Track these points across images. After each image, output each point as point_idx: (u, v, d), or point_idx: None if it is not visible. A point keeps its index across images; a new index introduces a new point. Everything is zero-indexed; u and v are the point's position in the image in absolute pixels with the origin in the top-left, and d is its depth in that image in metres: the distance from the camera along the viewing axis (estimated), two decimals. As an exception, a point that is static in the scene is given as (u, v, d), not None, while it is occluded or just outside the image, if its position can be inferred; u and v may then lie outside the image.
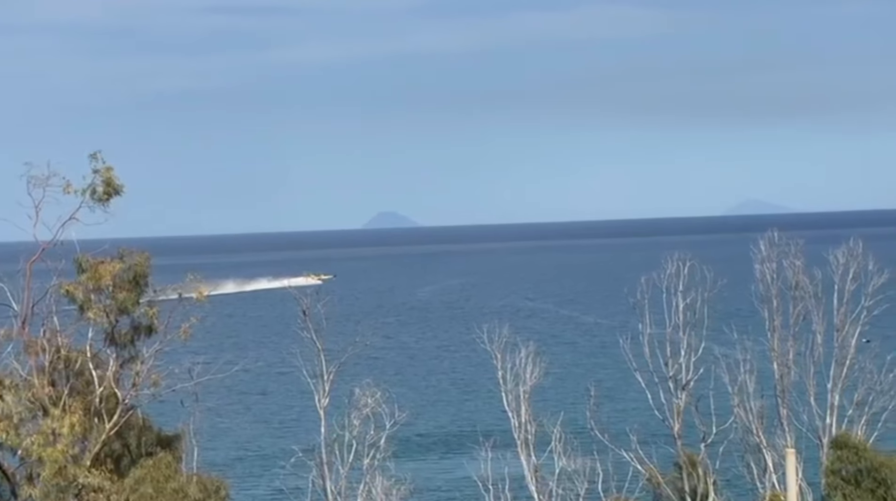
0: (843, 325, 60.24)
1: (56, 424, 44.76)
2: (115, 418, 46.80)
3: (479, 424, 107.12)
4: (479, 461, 54.32)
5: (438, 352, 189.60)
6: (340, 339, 55.03)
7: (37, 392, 45.82)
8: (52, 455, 44.32)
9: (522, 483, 54.06)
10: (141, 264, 47.91)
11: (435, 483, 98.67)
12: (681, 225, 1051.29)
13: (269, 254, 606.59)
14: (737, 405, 58.36)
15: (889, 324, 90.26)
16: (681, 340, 57.89)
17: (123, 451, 48.36)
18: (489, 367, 57.19)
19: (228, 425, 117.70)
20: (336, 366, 50.63)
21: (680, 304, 58.48)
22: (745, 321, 63.29)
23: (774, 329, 59.65)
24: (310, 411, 58.50)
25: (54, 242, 46.67)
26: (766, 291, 60.21)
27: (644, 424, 62.64)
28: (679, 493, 57.25)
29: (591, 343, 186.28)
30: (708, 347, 58.61)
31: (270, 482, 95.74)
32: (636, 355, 58.44)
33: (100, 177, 47.05)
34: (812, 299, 60.04)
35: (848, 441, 56.78)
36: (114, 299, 47.24)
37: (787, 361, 59.37)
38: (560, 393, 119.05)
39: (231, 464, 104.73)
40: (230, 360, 60.76)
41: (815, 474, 59.38)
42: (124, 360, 48.07)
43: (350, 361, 52.20)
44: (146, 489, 46.09)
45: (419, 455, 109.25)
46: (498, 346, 54.55)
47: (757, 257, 61.00)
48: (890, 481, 55.00)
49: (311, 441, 53.81)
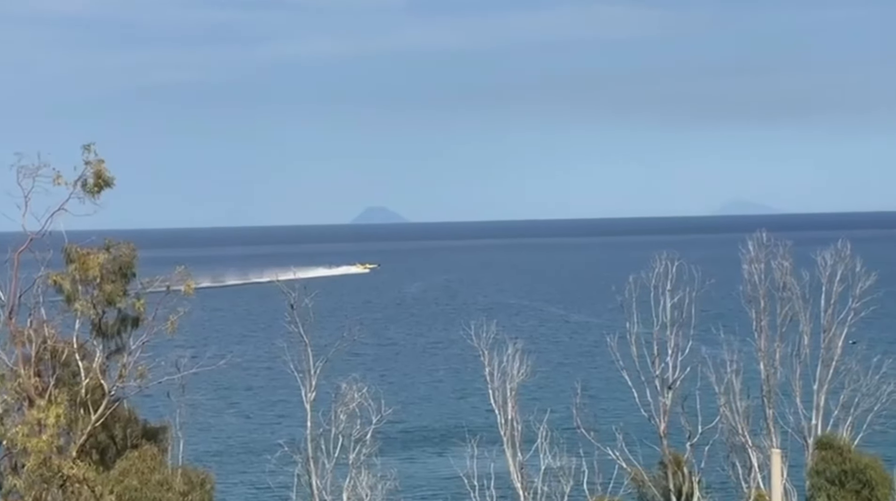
0: (830, 326, 60.37)
1: (41, 415, 44.68)
2: (100, 409, 46.70)
3: (466, 421, 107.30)
4: (464, 457, 54.30)
5: (425, 348, 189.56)
6: (327, 334, 55.02)
7: (22, 383, 45.75)
8: (37, 446, 44.23)
9: (508, 481, 54.08)
10: (127, 255, 47.83)
11: (420, 479, 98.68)
12: (668, 225, 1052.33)
13: (262, 248, 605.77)
14: (723, 405, 58.44)
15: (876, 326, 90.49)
16: (668, 339, 57.96)
17: (109, 443, 48.28)
18: (476, 364, 57.21)
19: (214, 418, 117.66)
20: (323, 361, 50.61)
21: (667, 303, 58.55)
22: (733, 322, 63.39)
23: (761, 330, 59.73)
24: (296, 405, 58.51)
25: (43, 232, 46.58)
26: (753, 291, 60.30)
27: (630, 423, 62.75)
28: (664, 492, 57.32)
29: (578, 341, 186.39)
30: (695, 346, 58.68)
31: (256, 475, 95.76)
32: (623, 354, 58.47)
33: (91, 169, 46.97)
34: (799, 301, 60.15)
35: (833, 442, 56.90)
36: (101, 290, 47.17)
37: (774, 361, 59.48)
38: (546, 391, 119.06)
39: (216, 457, 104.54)
40: (217, 353, 60.75)
41: (800, 475, 59.49)
42: (111, 351, 47.98)
43: (337, 356, 52.18)
44: (131, 481, 46.03)
45: (405, 450, 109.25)
46: (485, 343, 54.56)
47: (745, 258, 61.08)
48: (874, 482, 55.13)
49: (297, 435, 53.79)
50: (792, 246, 61.48)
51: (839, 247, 61.37)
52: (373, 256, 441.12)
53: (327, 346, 51.72)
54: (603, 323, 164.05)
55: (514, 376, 53.97)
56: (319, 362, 50.46)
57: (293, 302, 50.55)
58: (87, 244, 47.73)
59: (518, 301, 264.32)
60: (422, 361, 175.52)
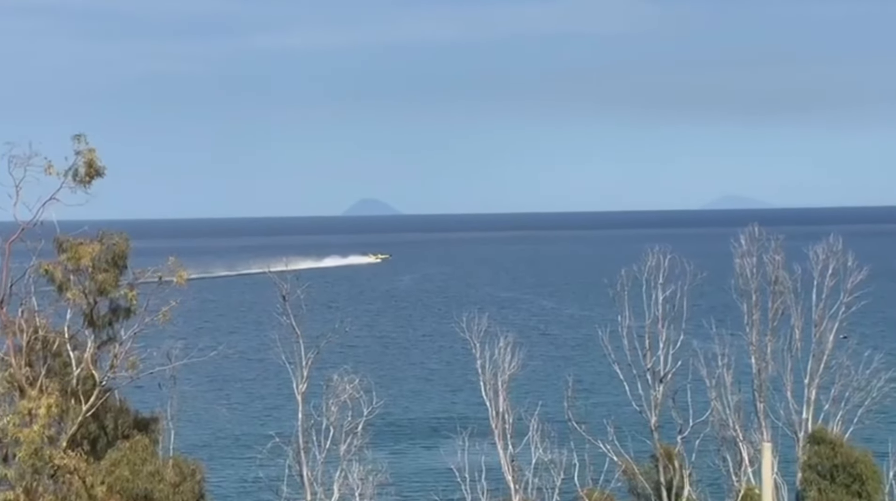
0: (822, 321, 60.47)
1: (32, 405, 44.57)
2: (92, 400, 46.62)
3: (457, 413, 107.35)
4: (456, 450, 54.30)
5: (417, 340, 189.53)
6: (319, 325, 54.94)
7: (14, 373, 45.66)
8: (29, 436, 44.14)
9: (499, 473, 54.07)
10: (120, 245, 47.73)
11: (411, 471, 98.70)
12: (660, 218, 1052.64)
13: (254, 239, 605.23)
14: (714, 399, 58.52)
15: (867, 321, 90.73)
16: (659, 333, 57.98)
17: (100, 433, 48.19)
18: (468, 356, 57.17)
19: (205, 409, 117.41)
20: (315, 352, 50.55)
21: (659, 297, 58.56)
22: (724, 316, 63.42)
23: (753, 324, 59.80)
24: (287, 396, 58.44)
25: (34, 222, 46.46)
26: (745, 285, 60.35)
27: (621, 416, 62.80)
28: (655, 485, 57.38)
29: (570, 334, 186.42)
30: (686, 340, 58.71)
31: (247, 467, 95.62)
32: (615, 347, 58.48)
33: (82, 158, 46.85)
34: (791, 295, 60.23)
35: (824, 436, 57.01)
36: (93, 280, 47.07)
37: (765, 355, 59.55)
38: (538, 384, 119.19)
39: (208, 448, 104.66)
40: (209, 344, 60.67)
41: (790, 468, 59.59)
42: (102, 342, 47.89)
43: (329, 348, 52.12)
44: (122, 471, 45.98)
45: (396, 442, 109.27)
46: (477, 335, 54.53)
47: (737, 252, 61.13)
48: (865, 476, 55.27)
49: (288, 426, 53.71)
50: (784, 240, 61.53)
51: (831, 241, 61.46)
52: (365, 247, 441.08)
53: (319, 337, 51.66)
54: (595, 316, 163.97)
55: (506, 368, 53.95)
56: (311, 353, 50.39)
57: (285, 293, 50.45)
58: (80, 235, 47.63)
59: (510, 294, 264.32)
60: (413, 353, 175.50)
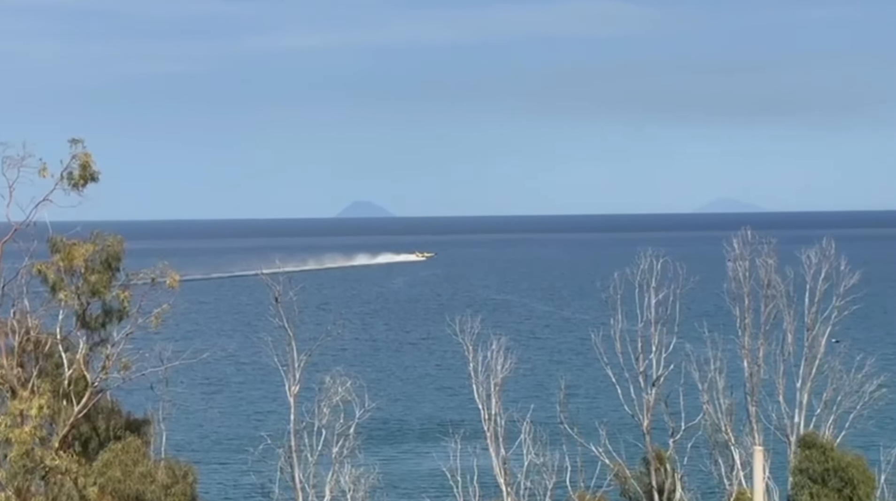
0: (814, 324, 60.51)
1: (24, 406, 44.53)
2: (83, 401, 46.59)
3: (449, 415, 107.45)
4: (448, 452, 54.30)
5: (409, 343, 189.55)
6: (312, 328, 54.94)
7: (5, 374, 45.61)
8: (20, 437, 44.08)
9: (491, 476, 54.09)
10: (114, 246, 47.72)
11: (403, 473, 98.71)
12: (653, 222, 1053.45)
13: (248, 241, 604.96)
14: (706, 403, 58.55)
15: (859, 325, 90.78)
16: (652, 336, 58.00)
17: (92, 434, 48.17)
18: (460, 359, 57.17)
19: (198, 410, 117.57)
20: (307, 354, 50.54)
21: (652, 300, 58.58)
22: (717, 319, 63.45)
23: (745, 328, 59.84)
24: (280, 398, 58.42)
25: (27, 222, 46.43)
26: (737, 289, 60.38)
27: (613, 419, 62.83)
28: (647, 489, 57.40)
29: (562, 337, 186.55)
30: (679, 344, 58.75)
31: (239, 469, 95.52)
32: (607, 350, 58.49)
33: (77, 162, 46.84)
34: (783, 299, 60.24)
35: (815, 440, 57.03)
36: (86, 281, 47.05)
37: (758, 359, 59.58)
38: (530, 387, 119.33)
39: (199, 450, 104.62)
40: (201, 346, 60.59)
41: (782, 472, 59.61)
42: (95, 343, 47.85)
43: (321, 350, 52.12)
44: (114, 472, 45.94)
45: (389, 445, 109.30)
46: (469, 338, 54.54)
47: (730, 255, 61.17)
48: (856, 481, 55.28)
49: (280, 428, 53.70)
50: (777, 244, 61.59)
51: (824, 246, 61.49)
52: (358, 249, 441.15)
53: (312, 339, 51.66)
54: (587, 319, 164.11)
55: (498, 371, 53.96)
56: (303, 355, 50.39)
57: (277, 296, 50.45)
58: (73, 236, 47.62)
59: (503, 297, 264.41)
60: (405, 355, 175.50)
